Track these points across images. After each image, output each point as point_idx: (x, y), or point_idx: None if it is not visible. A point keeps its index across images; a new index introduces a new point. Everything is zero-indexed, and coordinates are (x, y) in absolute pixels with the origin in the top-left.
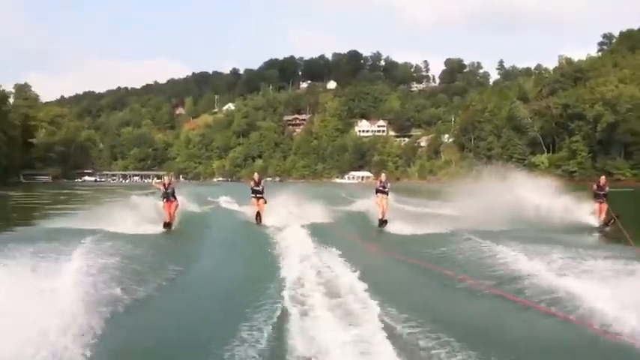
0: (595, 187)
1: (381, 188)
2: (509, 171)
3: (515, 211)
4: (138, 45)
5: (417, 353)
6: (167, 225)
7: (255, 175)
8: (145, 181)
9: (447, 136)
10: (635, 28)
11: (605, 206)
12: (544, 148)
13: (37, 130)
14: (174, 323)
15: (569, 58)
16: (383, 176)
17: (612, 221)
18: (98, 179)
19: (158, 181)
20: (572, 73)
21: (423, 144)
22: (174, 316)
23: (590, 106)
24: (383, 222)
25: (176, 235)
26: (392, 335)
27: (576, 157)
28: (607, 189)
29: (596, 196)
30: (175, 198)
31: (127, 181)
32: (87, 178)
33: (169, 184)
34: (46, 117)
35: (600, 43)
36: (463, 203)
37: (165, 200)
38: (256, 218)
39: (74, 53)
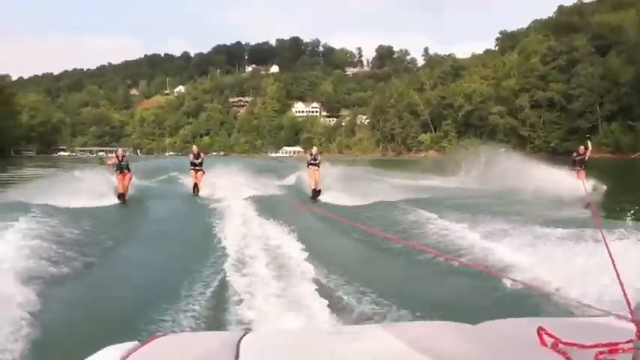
0: (575, 154)
1: (312, 161)
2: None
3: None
4: (85, 21)
5: (346, 309)
6: (121, 196)
7: (194, 148)
8: (108, 155)
9: (364, 117)
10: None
11: (583, 173)
12: (432, 128)
13: (19, 113)
14: (114, 294)
15: (455, 57)
16: (314, 149)
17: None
18: (71, 154)
19: (111, 155)
20: (452, 70)
21: (343, 124)
22: (114, 287)
23: (458, 98)
24: (316, 192)
25: (124, 208)
26: (325, 295)
27: (448, 136)
28: (586, 156)
29: (574, 164)
30: (129, 170)
31: (94, 155)
32: (61, 153)
33: (123, 156)
34: (27, 103)
35: (497, 39)
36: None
37: (118, 172)
38: (194, 189)
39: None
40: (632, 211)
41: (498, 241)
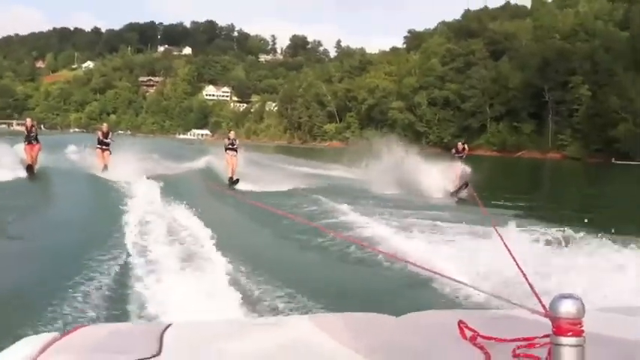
0: (453, 151)
1: (230, 146)
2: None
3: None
4: None
5: (265, 301)
6: (29, 167)
7: (104, 126)
8: (10, 128)
9: (274, 104)
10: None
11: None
12: (337, 119)
13: None
14: (16, 283)
15: (364, 52)
16: (232, 134)
17: (465, 186)
18: None
19: (21, 122)
20: (360, 65)
21: (252, 110)
22: (15, 275)
23: (362, 92)
24: (234, 181)
25: (27, 186)
26: (239, 286)
27: (351, 127)
28: (464, 154)
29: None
30: (38, 141)
31: None
32: None
33: (32, 126)
34: None
35: (405, 37)
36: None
37: (27, 143)
38: (102, 170)
39: None
40: (512, 202)
41: (412, 235)
